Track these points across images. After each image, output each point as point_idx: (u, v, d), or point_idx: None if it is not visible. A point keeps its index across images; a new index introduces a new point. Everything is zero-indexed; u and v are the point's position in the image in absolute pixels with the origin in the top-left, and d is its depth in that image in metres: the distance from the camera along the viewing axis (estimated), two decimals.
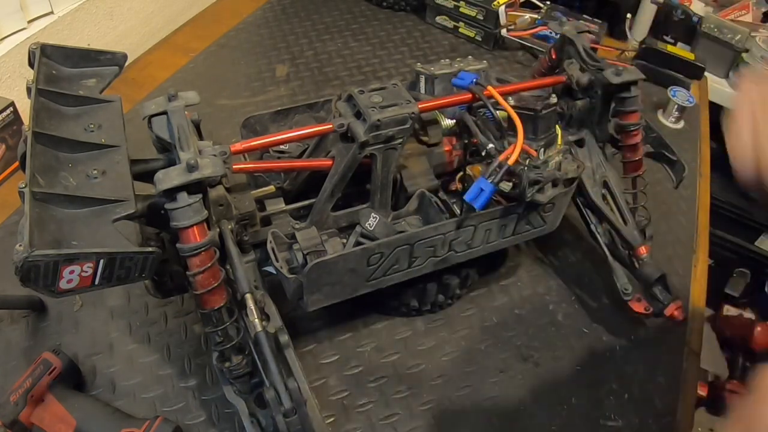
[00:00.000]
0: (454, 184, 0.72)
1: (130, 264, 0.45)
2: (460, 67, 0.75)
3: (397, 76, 1.15)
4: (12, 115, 0.89)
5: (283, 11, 1.31)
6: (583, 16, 1.29)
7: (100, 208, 0.48)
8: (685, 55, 1.15)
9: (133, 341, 0.71)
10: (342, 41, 1.23)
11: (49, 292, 0.43)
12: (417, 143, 0.71)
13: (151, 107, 0.56)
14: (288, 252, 0.63)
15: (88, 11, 1.07)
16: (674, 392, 0.71)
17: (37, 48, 0.56)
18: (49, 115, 0.53)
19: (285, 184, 0.67)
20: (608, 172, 0.75)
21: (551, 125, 0.66)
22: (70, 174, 0.49)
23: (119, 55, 0.60)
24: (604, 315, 0.78)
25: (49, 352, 0.63)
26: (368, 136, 0.58)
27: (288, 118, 0.74)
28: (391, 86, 0.62)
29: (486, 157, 0.63)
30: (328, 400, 0.67)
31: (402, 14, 1.34)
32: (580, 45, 0.73)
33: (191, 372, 0.68)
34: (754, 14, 1.59)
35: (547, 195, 0.64)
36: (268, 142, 0.59)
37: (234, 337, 0.54)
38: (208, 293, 0.51)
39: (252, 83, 1.10)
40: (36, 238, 0.41)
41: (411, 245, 0.62)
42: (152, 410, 0.65)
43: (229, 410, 0.64)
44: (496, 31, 1.20)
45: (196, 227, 0.49)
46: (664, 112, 1.12)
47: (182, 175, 0.48)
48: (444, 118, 0.73)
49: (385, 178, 0.64)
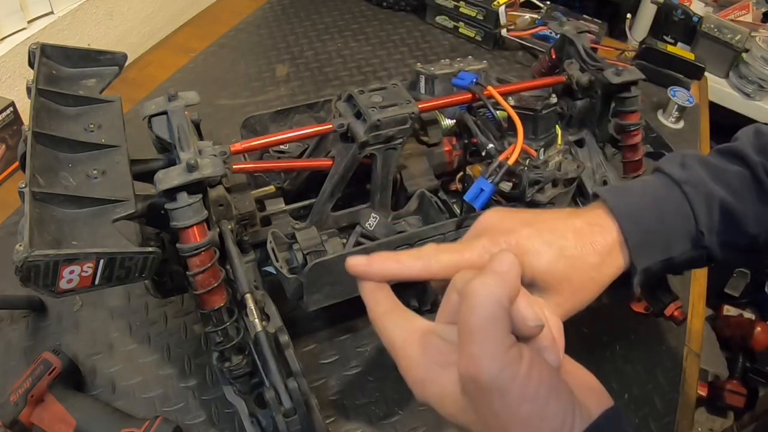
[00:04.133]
0: (454, 184, 0.72)
1: (130, 264, 0.45)
2: (460, 67, 0.75)
3: (397, 76, 1.15)
4: (12, 115, 0.89)
5: (283, 11, 1.31)
6: (583, 16, 1.29)
7: (100, 208, 0.48)
8: (685, 55, 1.15)
9: (133, 341, 0.71)
10: (342, 41, 1.23)
11: (49, 292, 0.43)
12: (417, 143, 0.71)
13: (151, 107, 0.56)
14: (288, 252, 0.63)
15: (88, 11, 1.07)
16: (674, 392, 0.71)
17: (37, 48, 0.56)
18: (49, 115, 0.53)
19: (285, 184, 0.67)
20: (608, 172, 0.74)
21: (551, 125, 0.66)
22: (70, 174, 0.49)
23: (119, 55, 0.60)
24: (604, 315, 0.78)
25: (49, 352, 0.63)
26: (368, 136, 0.58)
27: (288, 118, 0.74)
28: (391, 86, 0.62)
29: (486, 157, 0.63)
30: (328, 400, 0.67)
31: (402, 14, 1.34)
32: (580, 45, 0.73)
33: (191, 372, 0.68)
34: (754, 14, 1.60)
35: (547, 195, 0.64)
36: (268, 142, 0.59)
37: (234, 337, 0.54)
38: (208, 293, 0.51)
39: (252, 83, 1.10)
40: (36, 238, 0.41)
41: (411, 245, 0.62)
42: (152, 410, 0.65)
43: (229, 410, 0.64)
44: (496, 31, 1.20)
45: (196, 227, 0.49)
46: (664, 112, 1.12)
47: (182, 175, 0.48)
48: (444, 118, 0.73)
49: (385, 178, 0.64)
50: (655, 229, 0.46)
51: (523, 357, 0.31)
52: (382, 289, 0.39)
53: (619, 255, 0.45)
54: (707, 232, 0.47)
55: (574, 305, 0.44)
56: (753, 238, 0.48)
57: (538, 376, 0.30)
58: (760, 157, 0.48)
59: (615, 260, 0.45)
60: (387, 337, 0.37)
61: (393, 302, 0.38)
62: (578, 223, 0.45)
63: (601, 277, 0.45)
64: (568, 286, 0.43)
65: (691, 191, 0.47)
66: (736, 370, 1.49)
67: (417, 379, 0.34)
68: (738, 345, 1.52)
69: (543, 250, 0.42)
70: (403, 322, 0.37)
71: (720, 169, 0.49)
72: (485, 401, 0.31)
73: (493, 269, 0.33)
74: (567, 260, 0.43)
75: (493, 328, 0.31)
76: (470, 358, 0.30)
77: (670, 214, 0.47)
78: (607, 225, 0.46)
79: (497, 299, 0.31)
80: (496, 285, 0.32)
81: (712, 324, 1.58)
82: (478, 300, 0.31)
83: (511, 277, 0.33)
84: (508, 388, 0.30)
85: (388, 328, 0.37)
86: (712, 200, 0.47)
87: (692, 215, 0.47)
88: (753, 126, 0.52)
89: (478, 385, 0.30)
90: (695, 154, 0.51)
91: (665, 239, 0.47)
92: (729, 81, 1.55)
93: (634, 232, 0.45)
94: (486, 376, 0.30)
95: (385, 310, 0.38)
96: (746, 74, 1.50)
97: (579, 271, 0.43)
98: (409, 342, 0.35)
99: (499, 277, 0.32)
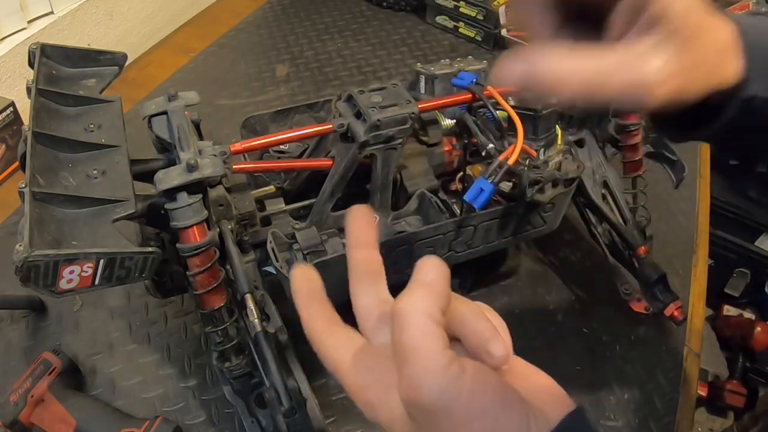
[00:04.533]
0: (454, 184, 0.72)
1: (130, 264, 0.45)
2: (460, 67, 0.75)
3: (397, 76, 1.15)
4: (12, 115, 0.89)
5: (283, 11, 1.31)
6: None
7: (100, 208, 0.48)
8: None
9: (133, 341, 0.71)
10: (342, 41, 1.23)
11: (49, 292, 0.43)
12: (417, 143, 0.71)
13: (151, 107, 0.56)
14: (288, 252, 0.63)
15: (88, 11, 1.07)
16: (674, 392, 0.71)
17: (37, 48, 0.56)
18: (49, 115, 0.53)
19: (285, 184, 0.67)
20: (608, 172, 0.75)
21: (551, 125, 0.66)
22: (70, 174, 0.49)
23: (119, 55, 0.60)
24: (604, 315, 0.78)
25: (49, 352, 0.63)
26: (368, 136, 0.58)
27: (288, 118, 0.74)
28: (391, 86, 0.62)
29: (486, 157, 0.63)
30: (328, 400, 0.67)
31: (402, 14, 1.34)
32: None
33: (191, 372, 0.68)
34: None
35: (547, 195, 0.64)
36: (268, 142, 0.59)
37: (234, 337, 0.54)
38: (208, 293, 0.51)
39: (252, 83, 1.10)
40: (36, 238, 0.41)
41: (411, 245, 0.62)
42: (152, 410, 0.65)
43: (229, 410, 0.64)
44: (496, 31, 1.20)
45: (196, 227, 0.49)
46: None
47: (182, 175, 0.48)
48: (444, 118, 0.73)
49: (385, 178, 0.64)
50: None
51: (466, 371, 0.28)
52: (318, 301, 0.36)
53: (735, 62, 0.35)
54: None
55: (691, 73, 0.33)
56: None
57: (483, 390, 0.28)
58: None
59: (731, 64, 0.35)
60: (330, 357, 0.33)
61: (331, 317, 0.35)
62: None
63: (715, 69, 0.35)
64: (698, 43, 0.33)
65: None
66: (736, 370, 1.49)
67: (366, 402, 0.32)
68: (738, 345, 1.51)
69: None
70: (346, 341, 0.34)
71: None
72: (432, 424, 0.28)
73: (417, 281, 0.31)
74: (702, 18, 0.33)
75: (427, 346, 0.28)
76: (408, 381, 0.28)
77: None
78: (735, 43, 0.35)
79: (426, 314, 0.29)
80: (423, 298, 0.29)
81: (712, 324, 1.58)
82: (406, 319, 0.29)
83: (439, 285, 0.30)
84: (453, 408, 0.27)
85: (331, 347, 0.34)
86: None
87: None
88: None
89: (421, 408, 0.28)
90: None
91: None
92: None
93: (756, 57, 0.35)
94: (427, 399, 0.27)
95: (323, 326, 0.35)
96: None
97: (709, 37, 0.34)
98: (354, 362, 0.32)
99: (425, 290, 0.30)
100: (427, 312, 0.29)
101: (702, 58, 0.34)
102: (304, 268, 0.37)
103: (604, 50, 0.31)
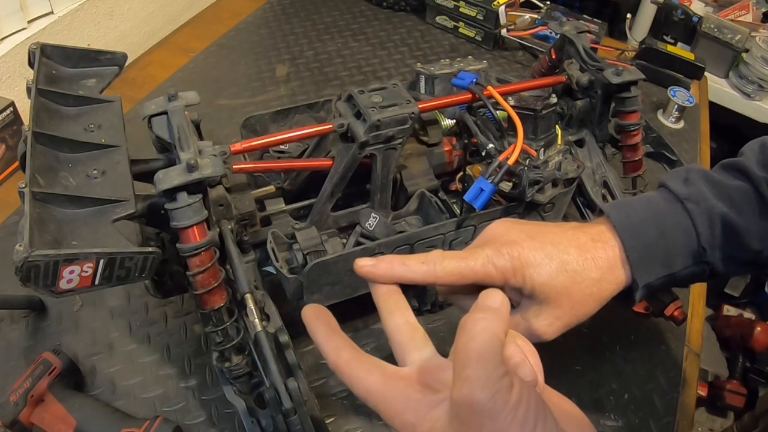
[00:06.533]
0: (454, 184, 0.72)
1: (130, 264, 0.45)
2: (460, 67, 0.75)
3: (397, 76, 1.15)
4: (12, 115, 0.89)
5: (283, 11, 1.31)
6: (583, 16, 1.29)
7: (100, 208, 0.48)
8: (685, 55, 1.15)
9: (133, 341, 0.71)
10: (342, 41, 1.23)
11: (49, 292, 0.43)
12: (417, 143, 0.71)
13: (151, 107, 0.56)
14: (288, 252, 0.63)
15: (88, 11, 1.07)
16: (674, 392, 0.71)
17: (37, 48, 0.56)
18: (49, 115, 0.53)
19: (285, 184, 0.67)
20: (608, 172, 0.75)
21: (551, 125, 0.66)
22: (70, 174, 0.49)
23: (119, 55, 0.60)
24: (604, 315, 0.77)
25: (49, 352, 0.63)
26: (368, 136, 0.58)
27: (288, 118, 0.74)
28: (391, 86, 0.62)
29: (486, 157, 0.63)
30: (328, 400, 0.67)
31: (402, 14, 1.34)
32: (580, 45, 0.73)
33: (191, 372, 0.68)
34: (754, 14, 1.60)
35: (547, 195, 0.64)
36: (268, 142, 0.59)
37: (234, 337, 0.54)
38: (208, 293, 0.51)
39: (252, 83, 1.10)
40: (36, 238, 0.41)
41: (411, 245, 0.62)
42: (152, 410, 0.65)
43: (229, 410, 0.64)
44: (496, 31, 1.20)
45: (196, 227, 0.49)
46: (664, 112, 1.12)
47: (182, 175, 0.48)
48: (444, 118, 0.73)
49: (385, 178, 0.64)
50: (657, 245, 0.47)
51: (514, 386, 0.32)
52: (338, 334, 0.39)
53: (621, 271, 0.46)
54: (709, 248, 0.47)
55: (572, 319, 0.45)
56: (756, 253, 0.48)
57: (527, 403, 0.31)
58: (763, 172, 0.48)
59: (616, 276, 0.46)
60: (361, 386, 0.36)
61: (354, 347, 0.38)
62: (581, 237, 0.46)
63: (601, 292, 0.46)
64: (568, 299, 0.44)
65: (693, 207, 0.48)
66: (736, 370, 1.49)
67: (405, 423, 0.34)
68: (738, 345, 1.52)
69: (544, 262, 0.43)
70: (375, 369, 0.36)
71: (723, 184, 0.49)
72: (476, 425, 0.31)
73: (485, 305, 0.35)
74: (568, 274, 0.44)
75: (489, 357, 0.32)
76: (465, 382, 0.31)
77: (671, 230, 0.47)
78: (609, 241, 0.46)
79: (494, 332, 0.33)
80: (494, 319, 0.34)
81: (712, 324, 1.58)
82: (477, 330, 0.33)
83: (504, 312, 0.35)
84: (498, 413, 0.31)
85: (361, 377, 0.36)
86: (714, 216, 0.47)
87: (694, 231, 0.47)
88: (760, 139, 0.52)
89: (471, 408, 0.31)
90: (700, 170, 0.51)
91: (667, 255, 0.47)
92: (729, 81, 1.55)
93: (635, 248, 0.46)
94: (479, 399, 0.31)
95: (349, 357, 0.37)
96: (746, 74, 1.50)
97: (579, 285, 0.44)
98: (388, 388, 0.35)
99: (495, 312, 0.34)
100: (495, 330, 0.33)
101: (577, 299, 0.45)
102: (314, 306, 0.41)
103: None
